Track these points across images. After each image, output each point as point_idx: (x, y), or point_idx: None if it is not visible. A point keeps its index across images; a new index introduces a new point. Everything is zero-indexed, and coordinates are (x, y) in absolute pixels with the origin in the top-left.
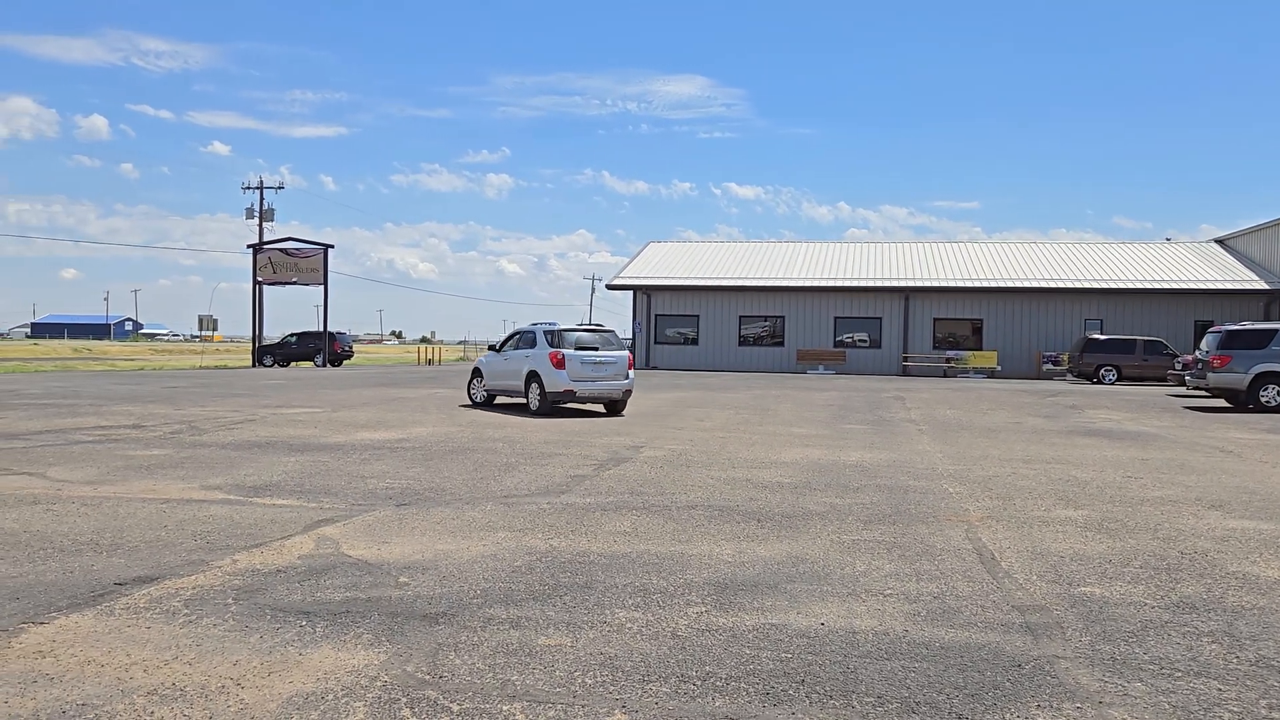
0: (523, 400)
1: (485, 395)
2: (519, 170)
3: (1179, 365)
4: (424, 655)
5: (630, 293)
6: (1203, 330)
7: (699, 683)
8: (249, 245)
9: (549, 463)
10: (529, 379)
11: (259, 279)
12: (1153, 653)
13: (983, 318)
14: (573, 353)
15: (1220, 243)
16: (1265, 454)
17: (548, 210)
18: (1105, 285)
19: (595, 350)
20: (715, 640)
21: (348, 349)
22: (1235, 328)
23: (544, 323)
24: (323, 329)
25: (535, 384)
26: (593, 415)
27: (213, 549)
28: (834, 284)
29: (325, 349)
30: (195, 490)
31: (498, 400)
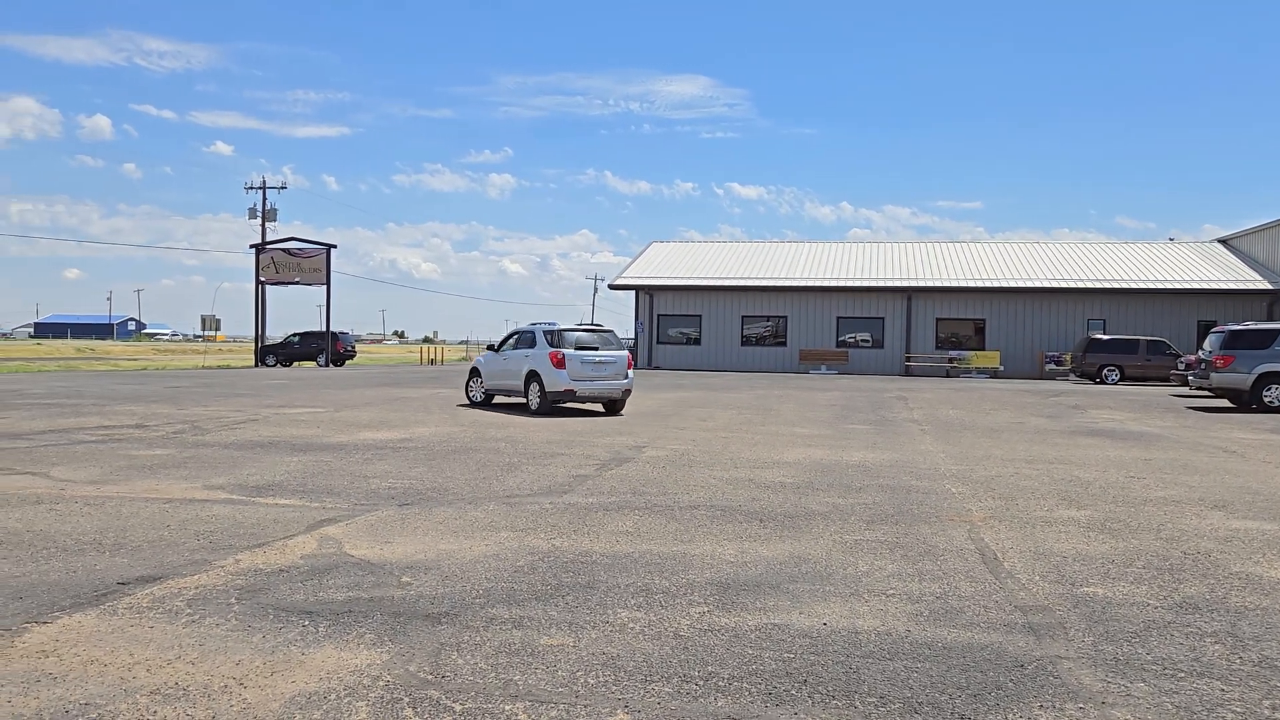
0: (521, 400)
1: (483, 395)
2: (521, 170)
3: (1182, 365)
4: (426, 655)
5: (633, 293)
6: (1206, 330)
7: (701, 683)
8: (252, 245)
9: (551, 462)
10: (529, 379)
11: (262, 279)
12: (1156, 653)
13: (985, 318)
14: (573, 352)
15: (1223, 243)
16: (1268, 454)
17: (550, 210)
18: (1108, 285)
19: (595, 350)
20: (718, 640)
21: (350, 349)
22: (1238, 328)
23: (543, 323)
24: (325, 329)
25: (535, 383)
26: (593, 415)
27: (215, 549)
28: (837, 284)
29: (328, 349)
30: (198, 490)
31: (496, 400)
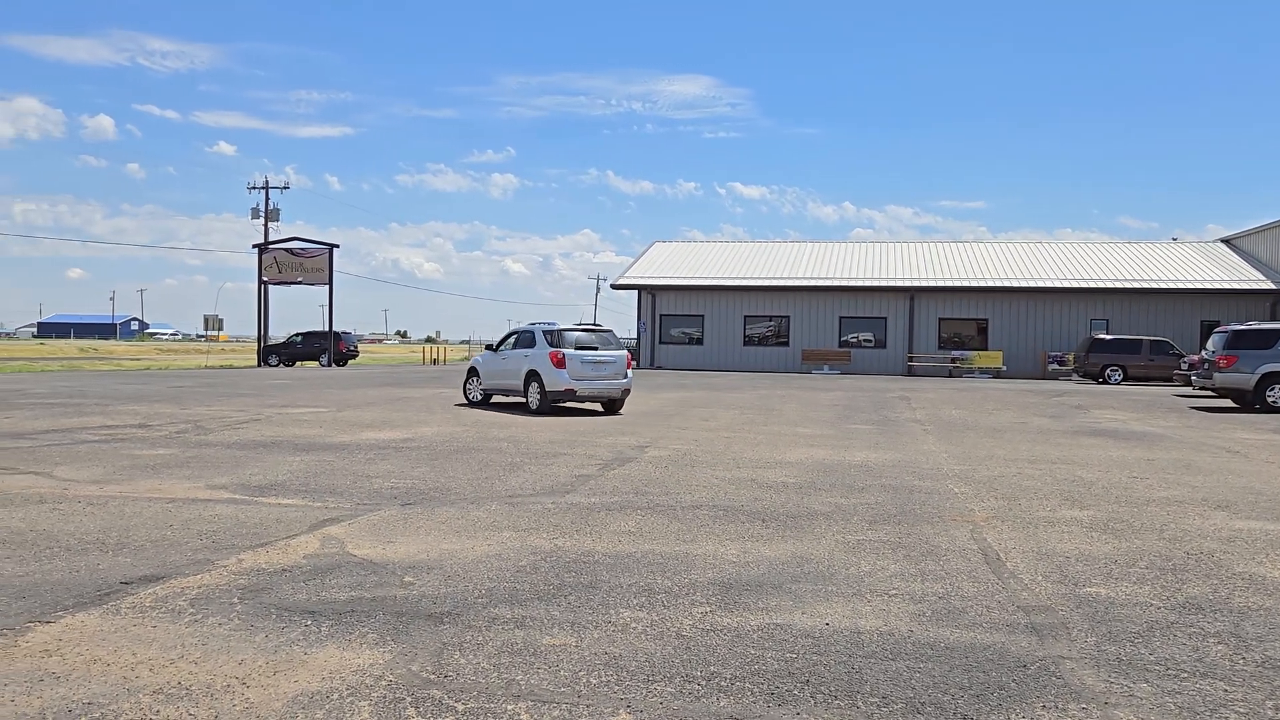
0: (520, 400)
1: (482, 394)
2: (524, 170)
3: (1185, 365)
4: (429, 655)
5: (635, 292)
6: (1209, 330)
7: (704, 683)
8: (254, 245)
9: (554, 462)
10: (529, 378)
11: (264, 279)
12: (1158, 653)
13: (988, 317)
14: (573, 352)
15: (1227, 242)
16: (1271, 454)
17: (553, 210)
18: (1111, 285)
19: (594, 350)
20: (720, 640)
21: (353, 349)
22: (1242, 327)
23: (542, 323)
24: (328, 329)
25: (535, 383)
26: (594, 415)
27: (218, 548)
28: (839, 284)
29: (330, 349)
30: (201, 490)
31: (495, 399)
